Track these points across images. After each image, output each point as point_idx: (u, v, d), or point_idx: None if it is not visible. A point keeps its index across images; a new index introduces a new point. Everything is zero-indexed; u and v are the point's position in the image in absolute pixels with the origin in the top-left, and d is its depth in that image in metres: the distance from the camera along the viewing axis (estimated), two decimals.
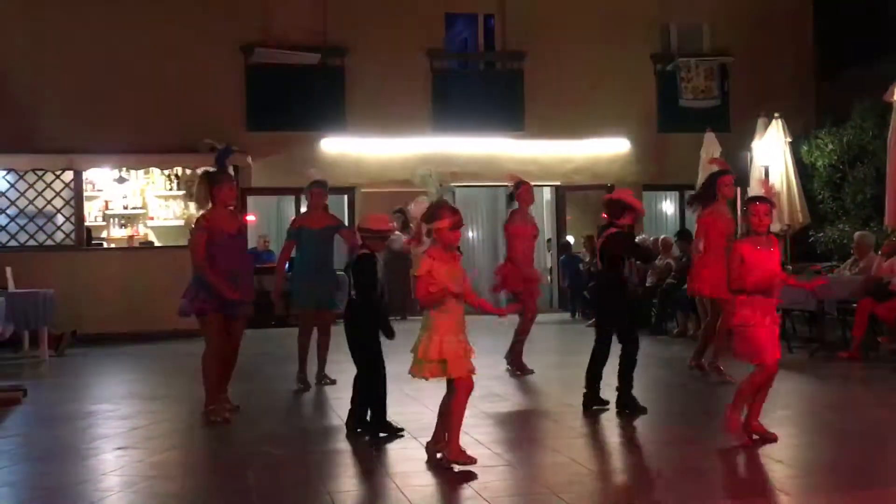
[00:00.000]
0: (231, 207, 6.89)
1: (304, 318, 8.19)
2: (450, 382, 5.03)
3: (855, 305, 9.49)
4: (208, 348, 6.70)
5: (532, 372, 8.66)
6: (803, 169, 14.36)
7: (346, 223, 16.16)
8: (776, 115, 13.84)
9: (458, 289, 4.98)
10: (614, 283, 6.85)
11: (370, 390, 5.94)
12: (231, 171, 14.09)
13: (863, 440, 5.62)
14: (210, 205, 6.74)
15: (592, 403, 6.71)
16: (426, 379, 5.06)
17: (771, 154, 13.85)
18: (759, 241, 5.49)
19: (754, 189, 13.97)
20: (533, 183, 16.60)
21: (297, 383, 8.02)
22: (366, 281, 5.97)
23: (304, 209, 16.24)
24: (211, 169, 7.24)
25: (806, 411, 6.97)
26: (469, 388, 5.04)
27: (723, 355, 8.00)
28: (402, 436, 5.81)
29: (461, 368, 4.95)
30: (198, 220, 6.79)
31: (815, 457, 5.12)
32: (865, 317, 9.28)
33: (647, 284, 13.42)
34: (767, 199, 5.64)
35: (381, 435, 5.82)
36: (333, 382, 8.00)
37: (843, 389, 7.78)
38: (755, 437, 5.39)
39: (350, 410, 6.06)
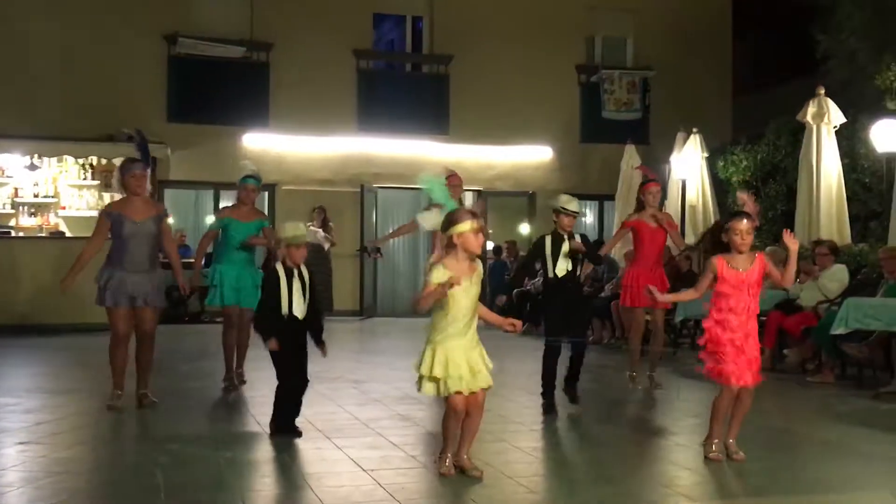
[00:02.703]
0: (141, 195, 6.82)
1: (228, 317, 7.83)
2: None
3: (764, 319, 9.75)
4: (111, 337, 6.72)
5: None
6: (719, 184, 14.75)
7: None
8: (694, 130, 14.21)
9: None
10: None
11: (282, 393, 5.84)
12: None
13: (766, 449, 5.77)
14: (124, 193, 6.76)
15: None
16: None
17: (688, 168, 14.20)
18: (736, 260, 5.22)
19: (672, 202, 14.30)
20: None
21: (223, 382, 7.78)
22: (266, 294, 5.87)
23: (224, 203, 16.09)
24: (133, 157, 7.18)
25: None
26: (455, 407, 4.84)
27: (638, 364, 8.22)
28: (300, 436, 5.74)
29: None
30: (105, 206, 6.97)
31: (725, 465, 5.23)
32: (774, 330, 9.55)
33: None
34: (746, 215, 5.30)
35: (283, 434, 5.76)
36: (244, 383, 7.83)
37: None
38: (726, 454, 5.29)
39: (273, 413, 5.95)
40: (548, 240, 6.96)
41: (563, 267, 6.85)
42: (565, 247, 6.85)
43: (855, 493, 4.76)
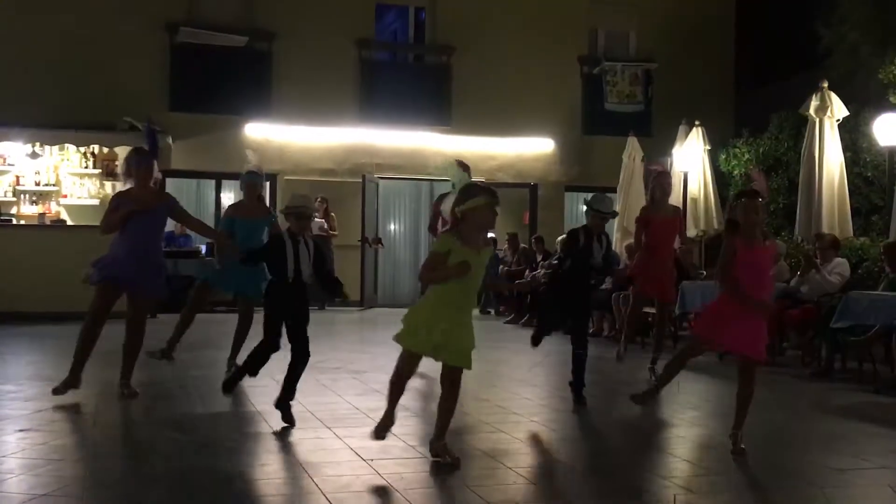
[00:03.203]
0: (150, 185, 6.83)
1: (243, 306, 7.83)
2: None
3: None
4: (88, 312, 6.68)
5: None
6: (720, 177, 14.75)
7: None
8: (697, 122, 14.19)
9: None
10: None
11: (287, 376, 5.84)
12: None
13: (765, 442, 5.78)
14: (131, 181, 6.76)
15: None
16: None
17: (690, 160, 14.19)
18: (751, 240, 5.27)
19: (674, 194, 14.29)
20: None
21: (158, 356, 7.75)
22: (270, 261, 5.91)
23: (224, 193, 16.10)
24: (140, 147, 7.17)
25: (713, 413, 7.13)
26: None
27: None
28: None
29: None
30: (119, 193, 6.90)
31: (721, 457, 5.24)
32: (774, 322, 9.55)
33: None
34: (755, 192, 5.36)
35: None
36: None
37: None
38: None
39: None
40: (581, 238, 6.96)
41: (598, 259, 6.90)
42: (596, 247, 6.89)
43: (854, 488, 4.77)
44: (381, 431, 5.07)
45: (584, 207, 7.17)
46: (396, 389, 5.04)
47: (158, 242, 6.91)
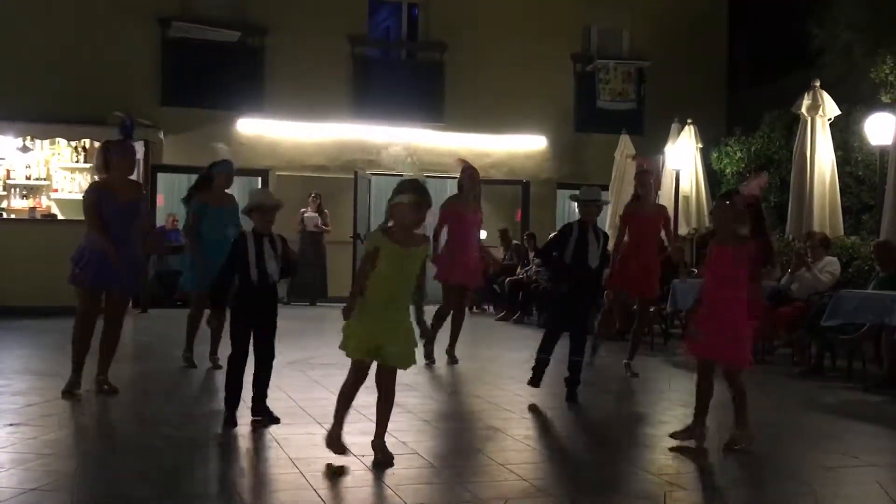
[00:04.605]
0: (129, 177, 6.78)
1: (200, 301, 7.78)
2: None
3: None
4: (77, 311, 6.62)
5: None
6: (712, 175, 14.77)
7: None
8: (689, 121, 14.21)
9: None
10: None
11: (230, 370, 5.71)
12: (142, 143, 13.87)
13: (756, 440, 5.79)
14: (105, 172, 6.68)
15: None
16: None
17: (682, 159, 14.22)
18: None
19: (666, 192, 14.33)
20: (449, 175, 16.75)
21: (183, 362, 7.83)
22: (231, 260, 5.65)
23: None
24: (114, 138, 7.01)
25: None
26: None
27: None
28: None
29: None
30: (92, 183, 6.80)
31: (711, 454, 5.26)
32: (764, 321, 9.58)
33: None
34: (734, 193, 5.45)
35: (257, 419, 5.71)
36: (220, 367, 7.74)
37: None
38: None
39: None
40: (575, 228, 6.95)
41: (594, 260, 6.86)
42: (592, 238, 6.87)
43: (843, 486, 4.79)
44: (334, 444, 4.90)
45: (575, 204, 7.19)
46: (344, 399, 4.95)
47: (137, 237, 6.76)
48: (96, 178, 7.05)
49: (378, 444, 4.88)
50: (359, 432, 5.38)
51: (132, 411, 6.34)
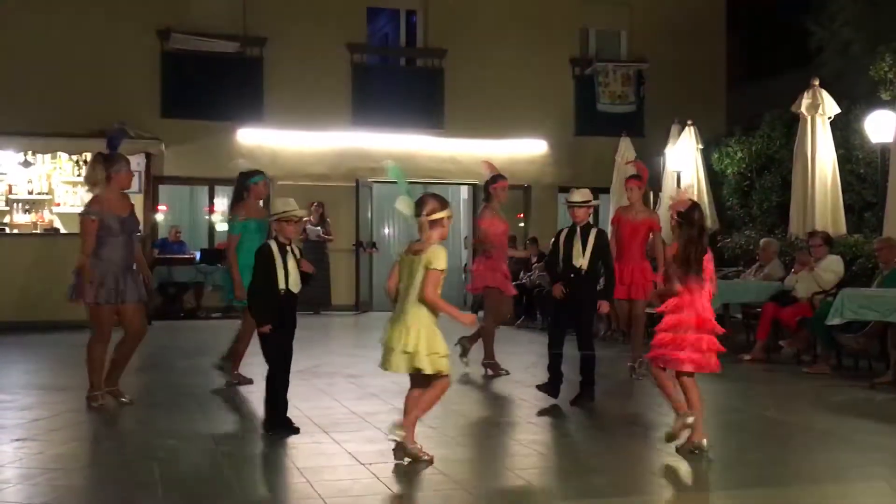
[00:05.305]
0: (125, 191, 6.77)
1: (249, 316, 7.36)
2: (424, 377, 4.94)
3: (759, 310, 9.78)
4: (96, 335, 6.61)
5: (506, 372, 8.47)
6: (713, 176, 14.76)
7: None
8: (689, 122, 14.20)
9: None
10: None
11: (276, 384, 5.75)
12: (143, 156, 13.89)
13: (764, 440, 5.79)
14: (104, 187, 6.60)
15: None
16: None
17: (683, 160, 14.21)
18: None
19: (667, 193, 14.33)
20: (450, 182, 16.76)
21: (233, 380, 7.63)
22: (258, 272, 5.70)
23: (218, 199, 16.07)
24: (105, 151, 6.94)
25: (711, 412, 7.13)
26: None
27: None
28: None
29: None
30: (89, 203, 6.63)
31: (719, 456, 5.25)
32: (769, 321, 9.58)
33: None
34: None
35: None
36: (250, 381, 7.65)
37: (746, 391, 8.00)
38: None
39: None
40: (563, 233, 6.96)
41: (580, 260, 6.84)
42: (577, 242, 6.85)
43: (851, 484, 4.77)
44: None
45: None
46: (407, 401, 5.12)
47: (134, 248, 6.80)
48: (90, 192, 6.90)
49: (396, 431, 4.95)
50: (365, 440, 5.38)
51: (138, 424, 6.33)
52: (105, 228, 6.54)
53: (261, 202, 7.90)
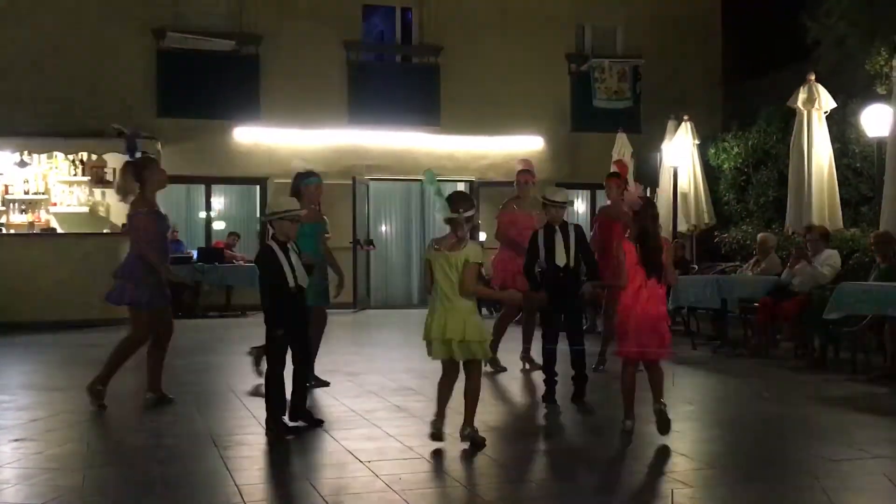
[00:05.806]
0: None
1: (320, 316, 7.44)
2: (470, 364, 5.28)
3: (756, 304, 9.79)
4: (138, 336, 6.59)
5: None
6: (710, 171, 14.76)
7: (257, 215, 15.96)
8: (685, 117, 14.21)
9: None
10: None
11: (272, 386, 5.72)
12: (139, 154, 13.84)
13: (762, 434, 5.79)
14: (138, 191, 6.52)
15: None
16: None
17: (680, 155, 14.21)
18: None
19: (664, 189, 14.34)
20: (447, 178, 16.75)
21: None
22: (265, 275, 5.69)
23: (215, 198, 16.07)
24: (123, 156, 6.95)
25: (709, 406, 7.16)
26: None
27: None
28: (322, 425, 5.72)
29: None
30: (135, 203, 6.51)
31: (718, 450, 5.26)
32: (766, 315, 9.59)
33: None
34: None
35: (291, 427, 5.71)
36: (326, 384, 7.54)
37: (744, 385, 8.01)
38: None
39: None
40: (540, 233, 6.92)
41: (562, 258, 6.81)
42: (559, 239, 6.82)
43: (850, 478, 4.78)
44: (435, 430, 5.30)
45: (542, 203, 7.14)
46: (439, 392, 5.42)
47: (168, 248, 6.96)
48: (122, 202, 6.83)
49: (464, 431, 5.24)
50: (363, 438, 5.38)
51: (138, 423, 6.33)
52: (154, 228, 6.52)
53: (314, 205, 7.71)
